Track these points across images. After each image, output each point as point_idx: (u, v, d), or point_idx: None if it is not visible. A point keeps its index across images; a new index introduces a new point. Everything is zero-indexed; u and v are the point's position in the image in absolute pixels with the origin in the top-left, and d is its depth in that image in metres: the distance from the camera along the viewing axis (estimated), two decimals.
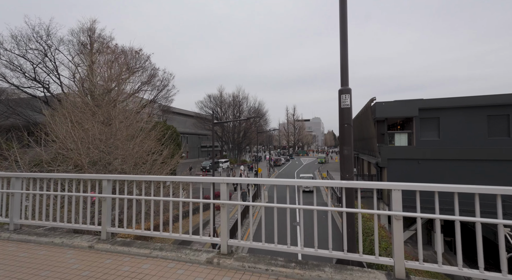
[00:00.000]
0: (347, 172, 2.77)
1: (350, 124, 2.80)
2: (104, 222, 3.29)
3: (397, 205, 2.27)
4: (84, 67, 13.34)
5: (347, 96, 2.77)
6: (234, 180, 2.93)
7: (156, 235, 3.10)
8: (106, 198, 3.31)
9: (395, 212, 2.25)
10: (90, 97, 11.06)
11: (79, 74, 14.61)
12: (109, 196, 3.31)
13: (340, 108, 2.79)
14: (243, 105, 54.21)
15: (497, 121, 16.23)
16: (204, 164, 41.24)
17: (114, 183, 3.51)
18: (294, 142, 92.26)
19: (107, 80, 10.01)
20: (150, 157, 10.48)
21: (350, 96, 2.78)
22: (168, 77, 30.57)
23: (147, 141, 10.65)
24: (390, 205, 2.33)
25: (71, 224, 3.44)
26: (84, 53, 17.82)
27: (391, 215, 2.27)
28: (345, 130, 2.77)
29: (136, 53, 25.15)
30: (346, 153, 2.77)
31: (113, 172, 8.60)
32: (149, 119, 13.75)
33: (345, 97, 2.77)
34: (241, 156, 56.73)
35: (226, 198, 2.92)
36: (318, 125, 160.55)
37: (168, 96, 31.94)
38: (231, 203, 2.88)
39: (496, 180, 15.80)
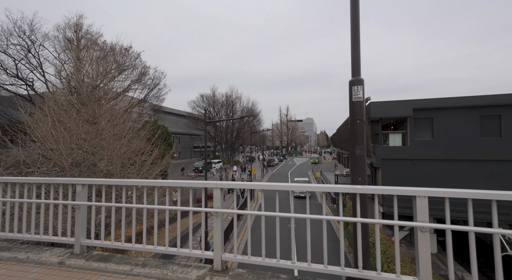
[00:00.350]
0: (360, 175, 2.42)
1: (363, 119, 2.45)
2: (77, 234, 2.84)
3: (423, 215, 1.93)
4: (71, 64, 12.66)
5: (359, 88, 2.43)
6: (228, 185, 2.55)
7: (138, 248, 2.67)
8: (80, 205, 2.86)
9: (421, 224, 1.90)
10: (76, 95, 10.45)
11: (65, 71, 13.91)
12: (84, 204, 2.87)
13: (351, 102, 2.44)
14: (236, 105, 53.78)
15: (489, 122, 16.37)
16: (197, 165, 40.57)
17: (90, 188, 3.05)
18: (287, 142, 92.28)
19: (92, 76, 9.44)
20: (139, 158, 9.95)
21: (362, 88, 2.43)
22: (160, 75, 29.85)
23: (135, 141, 10.12)
24: (414, 214, 1.98)
25: (38, 236, 2.97)
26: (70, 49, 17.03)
27: (416, 226, 1.93)
28: (357, 126, 2.42)
29: (126, 50, 24.39)
30: (359, 153, 2.42)
31: (98, 174, 8.05)
32: (138, 118, 13.20)
33: (357, 89, 2.42)
34: (234, 156, 56.21)
35: (220, 206, 2.52)
36: (310, 125, 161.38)
37: (160, 95, 31.18)
38: (225, 211, 2.49)
39: (488, 180, 15.92)
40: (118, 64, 23.97)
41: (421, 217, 1.93)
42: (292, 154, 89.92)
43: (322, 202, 2.30)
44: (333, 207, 21.38)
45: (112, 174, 8.53)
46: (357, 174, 2.42)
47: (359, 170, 2.41)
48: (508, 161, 15.61)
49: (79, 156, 7.88)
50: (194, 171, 38.17)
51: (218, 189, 2.53)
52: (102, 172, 8.23)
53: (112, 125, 9.50)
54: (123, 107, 12.12)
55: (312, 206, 20.97)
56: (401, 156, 17.66)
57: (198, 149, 63.49)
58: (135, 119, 10.83)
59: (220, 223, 2.51)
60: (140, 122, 11.90)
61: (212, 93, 53.45)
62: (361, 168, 2.42)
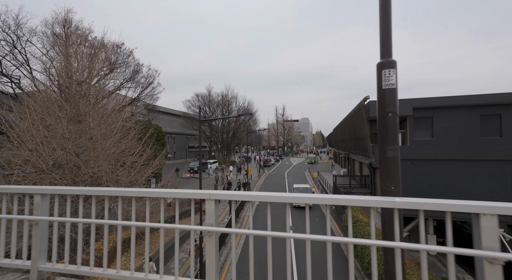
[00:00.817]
0: (393, 182, 1.90)
1: (396, 112, 1.93)
2: (35, 257, 2.26)
3: (491, 240, 1.41)
4: (58, 61, 11.95)
5: (391, 72, 1.92)
6: (223, 196, 2.00)
7: (110, 276, 2.11)
8: (39, 221, 2.28)
9: (488, 253, 1.38)
10: (60, 92, 9.78)
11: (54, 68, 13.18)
12: (44, 219, 2.29)
13: (381, 90, 1.94)
14: (232, 104, 53.17)
15: (490, 121, 16.12)
16: (192, 165, 39.84)
17: (53, 198, 2.48)
18: (283, 142, 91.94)
19: (77, 71, 8.78)
20: (129, 159, 9.33)
21: (395, 72, 1.92)
22: (153, 74, 29.05)
23: (125, 141, 9.49)
24: (476, 238, 1.47)
25: None
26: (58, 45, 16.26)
27: (480, 256, 1.41)
28: (388, 121, 1.91)
29: (118, 47, 23.60)
30: (391, 155, 1.90)
31: (82, 177, 7.42)
32: (130, 117, 12.54)
33: (388, 74, 1.92)
34: (230, 156, 55.57)
35: (215, 223, 1.98)
36: (306, 125, 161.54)
37: (153, 94, 30.36)
38: (221, 230, 1.96)
39: (489, 180, 15.66)
40: (110, 61, 23.20)
41: (488, 242, 1.42)
42: (289, 154, 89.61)
43: (326, 215, 1.76)
44: (331, 208, 20.95)
45: (98, 177, 7.90)
46: (389, 182, 1.90)
47: (392, 177, 1.90)
48: (508, 161, 15.38)
49: (62, 157, 7.24)
50: (189, 172, 37.43)
51: (212, 201, 1.99)
52: (87, 174, 7.60)
53: (99, 124, 8.86)
54: (114, 106, 11.47)
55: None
56: (401, 156, 17.22)
57: (193, 149, 62.68)
58: (125, 118, 10.20)
59: (215, 245, 1.96)
60: (131, 121, 11.27)
61: (207, 92, 52.75)
62: (394, 174, 1.90)
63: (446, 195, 16.22)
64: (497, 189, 15.50)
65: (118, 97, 19.37)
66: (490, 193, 15.57)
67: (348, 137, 28.34)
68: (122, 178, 8.80)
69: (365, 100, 18.22)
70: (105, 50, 21.19)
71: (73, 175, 7.13)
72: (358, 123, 20.67)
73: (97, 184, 7.99)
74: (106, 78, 16.42)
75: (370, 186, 19.37)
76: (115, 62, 24.60)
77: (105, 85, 14.22)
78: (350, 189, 19.95)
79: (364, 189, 20.01)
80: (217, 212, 2.05)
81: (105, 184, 8.09)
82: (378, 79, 1.95)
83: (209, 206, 2.01)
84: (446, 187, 16.37)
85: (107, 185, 7.86)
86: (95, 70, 9.90)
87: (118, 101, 14.86)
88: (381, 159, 1.97)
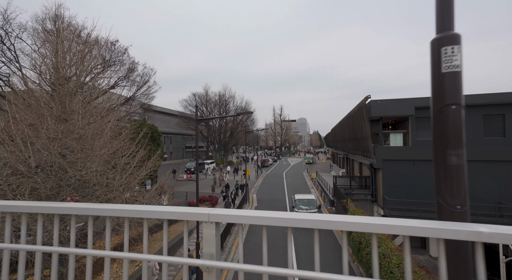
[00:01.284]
0: (458, 199, 1.40)
1: (461, 103, 1.43)
2: None
3: None
4: (49, 57, 11.33)
5: (455, 49, 1.42)
6: (227, 218, 1.45)
7: None
8: None
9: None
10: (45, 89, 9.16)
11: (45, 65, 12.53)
12: None
13: (439, 74, 1.43)
14: (230, 104, 52.56)
15: (493, 121, 15.82)
16: (189, 166, 39.21)
17: (3, 216, 1.92)
18: (281, 143, 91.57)
19: (64, 65, 8.18)
20: (121, 160, 8.75)
21: (460, 50, 1.43)
22: (149, 72, 28.36)
23: (116, 141, 8.91)
24: None
25: None
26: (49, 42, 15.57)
27: None
28: (450, 116, 1.41)
29: (112, 44, 22.92)
30: (456, 163, 1.40)
31: (68, 181, 6.84)
32: (123, 116, 11.96)
33: (451, 52, 1.42)
34: (228, 157, 55.00)
35: (216, 254, 1.47)
36: (304, 125, 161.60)
37: (149, 93, 29.67)
38: (225, 266, 1.44)
39: (492, 181, 15.36)
40: (103, 59, 22.51)
41: None
42: (286, 154, 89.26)
43: (342, 245, 1.23)
44: (331, 209, 20.52)
45: (85, 181, 7.33)
46: (453, 198, 1.40)
47: (456, 192, 1.40)
48: None
49: (46, 158, 6.66)
50: (186, 173, 36.80)
51: (212, 224, 1.47)
52: (74, 178, 7.02)
53: (88, 123, 8.28)
54: (108, 105, 10.88)
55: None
56: (402, 157, 16.96)
57: (190, 149, 61.98)
58: (118, 117, 9.63)
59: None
60: (125, 120, 10.70)
61: (204, 92, 52.11)
62: (459, 187, 1.40)
63: None
64: (501, 191, 15.21)
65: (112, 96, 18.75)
66: (493, 194, 15.27)
67: (348, 137, 27.97)
68: (112, 181, 8.23)
69: (366, 99, 17.81)
70: (98, 47, 20.51)
71: (57, 179, 6.55)
72: (358, 123, 20.27)
73: (85, 188, 7.42)
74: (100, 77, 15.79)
75: (371, 187, 19.00)
76: (109, 60, 23.89)
77: (99, 84, 13.62)
78: (351, 190, 19.54)
79: (365, 190, 19.62)
80: (219, 237, 1.52)
81: (93, 188, 7.52)
82: (435, 60, 1.45)
83: (208, 231, 1.49)
84: None
85: (96, 189, 7.29)
86: (84, 66, 9.31)
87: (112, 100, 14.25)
88: (438, 167, 1.47)
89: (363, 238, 10.16)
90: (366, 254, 9.38)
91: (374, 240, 1.19)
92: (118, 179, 8.33)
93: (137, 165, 9.36)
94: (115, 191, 8.08)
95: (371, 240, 1.19)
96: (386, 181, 17.32)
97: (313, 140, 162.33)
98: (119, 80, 25.69)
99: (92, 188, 7.74)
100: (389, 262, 7.94)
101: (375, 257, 1.18)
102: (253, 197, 24.52)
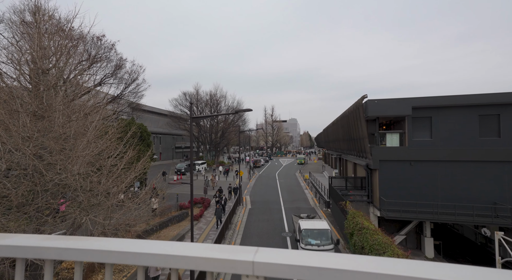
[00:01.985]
0: None
1: None
2: None
3: None
4: (27, 50, 10.31)
5: None
6: (280, 267, 0.81)
7: None
8: None
9: None
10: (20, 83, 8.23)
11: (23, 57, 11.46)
12: None
13: None
14: (221, 103, 51.63)
15: (488, 121, 15.86)
16: (179, 166, 38.11)
17: None
18: (272, 143, 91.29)
19: (41, 56, 7.31)
20: (108, 162, 7.93)
21: None
22: (138, 69, 27.20)
23: (102, 141, 8.09)
24: None
25: None
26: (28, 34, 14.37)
27: None
28: None
29: (98, 39, 21.73)
30: None
31: (45, 185, 6.00)
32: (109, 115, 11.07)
33: None
34: (219, 157, 54.06)
35: None
36: (294, 126, 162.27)
37: (138, 91, 28.51)
38: None
39: (489, 181, 15.37)
40: (89, 54, 21.29)
41: None
42: (277, 154, 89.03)
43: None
44: (327, 211, 20.16)
45: (67, 186, 6.50)
46: None
47: None
48: (508, 161, 15.13)
49: (18, 160, 5.80)
50: (176, 174, 35.70)
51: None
52: (52, 182, 6.18)
53: (69, 120, 7.43)
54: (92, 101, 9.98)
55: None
56: (399, 157, 16.77)
57: (180, 149, 60.64)
58: (103, 115, 8.80)
59: None
60: (111, 119, 9.86)
61: (195, 91, 50.96)
62: None
63: (446, 198, 15.80)
64: (497, 191, 15.24)
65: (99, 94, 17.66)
66: (488, 195, 15.29)
67: (342, 137, 27.78)
68: (97, 185, 7.41)
69: (362, 99, 17.54)
70: (83, 42, 19.33)
71: (32, 183, 5.71)
72: (354, 123, 20.02)
73: (65, 193, 6.58)
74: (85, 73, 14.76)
75: (366, 188, 18.75)
76: (95, 56, 22.66)
77: (84, 81, 12.62)
78: (346, 191, 19.23)
79: (361, 192, 19.36)
80: None
81: (75, 192, 6.69)
82: None
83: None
84: (445, 188, 15.96)
85: (77, 194, 6.47)
86: (66, 58, 8.43)
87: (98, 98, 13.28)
88: None
89: (366, 242, 9.72)
90: None
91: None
92: (103, 183, 7.51)
93: (125, 167, 8.55)
94: (100, 196, 7.28)
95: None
96: (382, 182, 17.09)
97: (304, 141, 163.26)
98: (106, 77, 24.48)
99: (74, 193, 6.91)
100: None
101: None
102: (246, 199, 23.86)
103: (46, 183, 5.99)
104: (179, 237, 13.74)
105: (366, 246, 9.61)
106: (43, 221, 6.58)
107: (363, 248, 9.91)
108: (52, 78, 7.40)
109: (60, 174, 6.25)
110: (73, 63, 11.02)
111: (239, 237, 14.66)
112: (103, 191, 7.30)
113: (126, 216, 7.95)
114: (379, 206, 16.90)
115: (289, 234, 14.76)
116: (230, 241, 14.06)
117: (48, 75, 7.46)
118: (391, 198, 16.41)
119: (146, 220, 10.51)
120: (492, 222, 14.33)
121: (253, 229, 15.84)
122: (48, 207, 6.32)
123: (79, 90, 9.54)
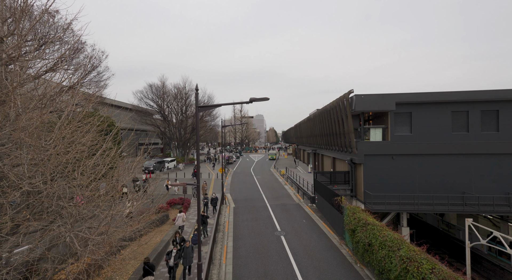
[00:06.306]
0: None
1: None
2: None
3: None
4: None
5: None
6: None
7: None
8: None
9: None
10: None
11: None
12: None
13: None
14: (191, 97, 48.84)
15: (459, 117, 17.17)
16: (147, 165, 35.09)
17: None
18: (241, 139, 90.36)
19: None
20: (89, 161, 6.23)
21: None
22: (100, 55, 23.77)
23: (80, 134, 6.36)
24: None
25: None
26: None
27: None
28: None
29: (50, 15, 18.21)
30: None
31: (9, 194, 4.27)
32: (83, 99, 9.07)
33: None
34: (189, 154, 51.35)
35: None
36: (261, 122, 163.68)
37: (100, 80, 25.06)
38: None
39: (460, 173, 16.69)
40: (36, 32, 17.72)
41: None
42: (247, 150, 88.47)
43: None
44: (312, 206, 20.07)
45: (38, 192, 4.80)
46: None
47: None
48: (474, 154, 16.57)
49: None
50: (144, 172, 32.70)
51: None
52: (20, 190, 4.45)
53: (36, 107, 5.60)
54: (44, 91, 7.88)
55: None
56: (382, 151, 17.29)
57: (146, 146, 56.11)
58: (77, 100, 7.02)
59: None
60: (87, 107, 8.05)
61: (161, 83, 47.33)
62: None
63: (423, 189, 16.78)
64: (467, 182, 16.63)
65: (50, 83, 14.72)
66: (458, 186, 16.65)
67: (319, 132, 28.12)
68: (76, 190, 5.72)
69: (349, 94, 17.63)
70: (28, 16, 15.94)
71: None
72: (338, 118, 20.17)
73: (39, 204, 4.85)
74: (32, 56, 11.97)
75: (350, 182, 19.10)
76: (45, 36, 19.03)
77: (31, 64, 10.07)
78: (332, 186, 19.33)
79: (344, 186, 19.65)
80: None
81: (49, 202, 5.00)
82: None
83: None
84: (423, 181, 16.95)
85: (52, 204, 4.80)
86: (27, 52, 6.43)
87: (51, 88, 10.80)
88: None
89: (374, 239, 9.48)
90: (383, 258, 8.68)
91: None
92: (87, 185, 5.85)
93: (94, 168, 6.89)
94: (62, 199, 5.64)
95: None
96: (367, 176, 17.48)
97: (270, 136, 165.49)
98: (59, 62, 20.81)
99: (47, 204, 5.17)
100: (418, 266, 7.28)
101: None
102: (228, 198, 22.69)
103: (12, 190, 4.26)
104: (164, 244, 12.13)
105: (375, 242, 9.38)
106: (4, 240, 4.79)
107: (370, 245, 9.67)
108: (8, 48, 5.44)
109: (30, 178, 4.53)
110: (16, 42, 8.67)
111: (230, 239, 13.55)
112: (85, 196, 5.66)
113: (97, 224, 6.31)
114: (364, 200, 17.26)
115: (282, 233, 14.13)
116: (222, 244, 12.90)
117: (3, 45, 5.48)
118: (376, 191, 16.85)
119: (121, 226, 8.59)
120: (464, 210, 15.52)
121: (243, 229, 14.86)
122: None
123: (25, 77, 7.34)
